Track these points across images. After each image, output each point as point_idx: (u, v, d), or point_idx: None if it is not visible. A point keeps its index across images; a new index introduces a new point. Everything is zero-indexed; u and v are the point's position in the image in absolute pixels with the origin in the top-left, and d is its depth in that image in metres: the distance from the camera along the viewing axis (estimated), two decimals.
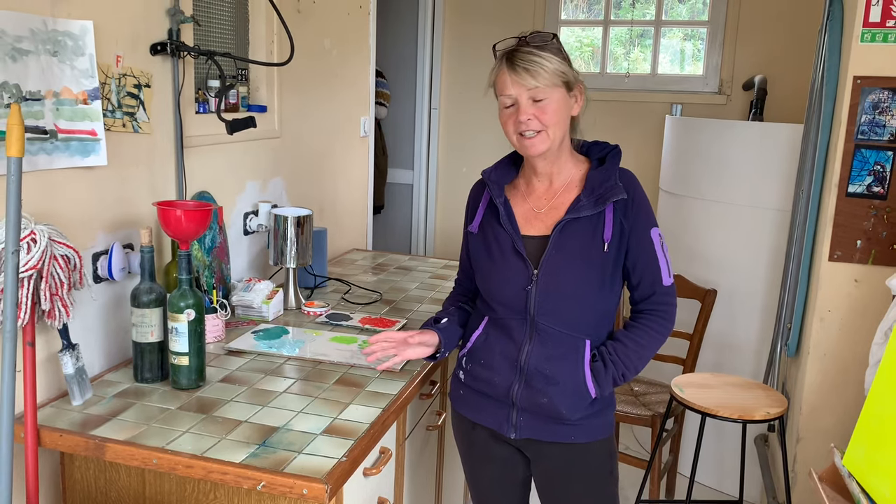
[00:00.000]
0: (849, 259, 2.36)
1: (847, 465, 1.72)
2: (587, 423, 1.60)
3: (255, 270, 2.51)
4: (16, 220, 1.37)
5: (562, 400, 1.56)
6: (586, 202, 1.54)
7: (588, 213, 1.54)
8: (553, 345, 1.56)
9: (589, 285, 1.55)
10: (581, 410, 1.58)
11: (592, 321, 1.58)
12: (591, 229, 1.55)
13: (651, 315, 1.60)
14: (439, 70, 4.43)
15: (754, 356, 2.96)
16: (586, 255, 1.54)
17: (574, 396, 1.56)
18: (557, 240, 1.55)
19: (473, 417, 1.70)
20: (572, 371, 1.55)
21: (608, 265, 1.55)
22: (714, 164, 3.00)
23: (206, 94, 2.19)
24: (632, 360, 1.58)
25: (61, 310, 1.53)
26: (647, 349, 1.59)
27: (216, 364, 1.85)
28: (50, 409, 1.59)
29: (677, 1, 4.11)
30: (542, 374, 1.56)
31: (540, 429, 1.61)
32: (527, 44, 1.51)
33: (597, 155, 1.63)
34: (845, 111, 2.30)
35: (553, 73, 1.49)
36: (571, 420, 1.58)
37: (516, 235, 1.59)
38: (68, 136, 1.63)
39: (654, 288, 1.58)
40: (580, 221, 1.55)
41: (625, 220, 1.55)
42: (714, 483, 3.10)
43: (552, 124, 1.51)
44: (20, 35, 1.49)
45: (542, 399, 1.57)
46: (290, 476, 1.35)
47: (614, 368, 1.56)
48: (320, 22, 2.78)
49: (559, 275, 1.54)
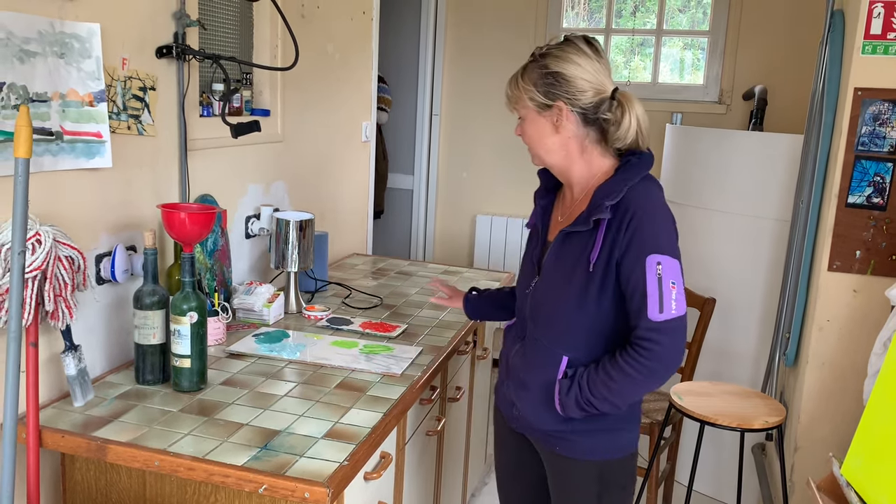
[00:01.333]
0: (848, 269, 2.37)
1: (845, 475, 1.73)
2: (573, 439, 1.54)
3: (256, 274, 2.51)
4: (22, 221, 1.37)
5: (529, 407, 1.58)
6: (583, 217, 1.49)
7: (582, 229, 1.48)
8: (533, 352, 1.58)
9: (569, 302, 1.49)
10: (551, 423, 1.54)
11: (572, 338, 1.51)
12: (582, 245, 1.49)
13: (630, 349, 1.43)
14: (441, 76, 4.44)
15: (753, 365, 2.97)
16: (571, 271, 1.50)
17: (541, 407, 1.54)
18: (556, 250, 1.55)
19: (497, 401, 1.74)
20: (544, 382, 1.53)
21: (593, 285, 1.47)
22: (714, 173, 3.01)
23: (211, 97, 2.19)
24: (598, 389, 1.45)
25: (65, 311, 1.54)
26: (619, 384, 1.43)
27: (217, 367, 1.85)
28: (51, 409, 1.59)
29: (678, 10, 4.13)
30: (519, 378, 1.60)
31: (529, 429, 1.63)
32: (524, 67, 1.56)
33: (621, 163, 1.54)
34: (846, 122, 2.31)
35: (515, 99, 1.56)
36: (543, 429, 1.58)
37: (541, 239, 1.64)
38: (74, 137, 1.63)
39: (637, 321, 1.43)
40: (577, 235, 1.50)
41: (616, 242, 1.44)
42: (712, 492, 3.11)
43: (531, 144, 1.57)
44: (28, 37, 1.50)
45: (518, 401, 1.61)
46: (291, 479, 1.35)
47: (578, 392, 1.47)
48: (324, 27, 2.79)
49: (546, 284, 1.56)
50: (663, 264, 1.42)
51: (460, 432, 2.47)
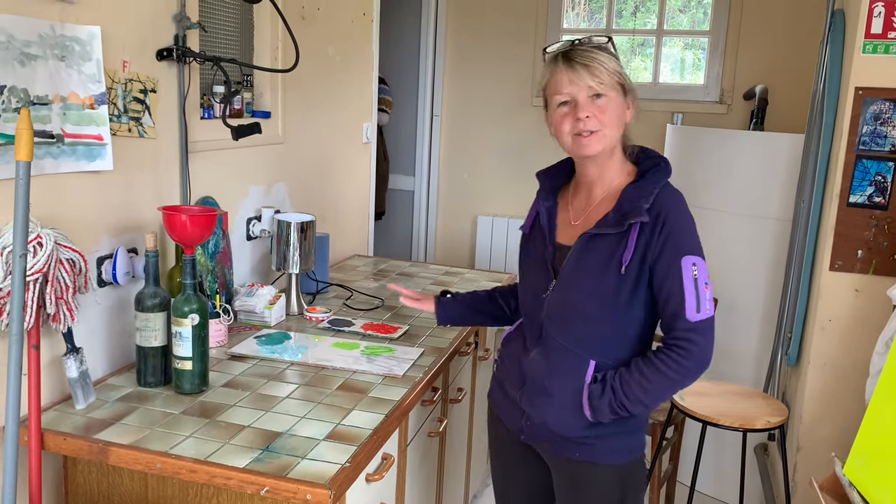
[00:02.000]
0: (850, 269, 2.37)
1: (848, 475, 1.73)
2: (595, 444, 1.53)
3: (257, 276, 2.51)
4: (23, 224, 1.37)
5: (552, 414, 1.53)
6: (612, 219, 1.47)
7: (611, 231, 1.46)
8: (555, 358, 1.53)
9: (598, 304, 1.48)
10: (576, 430, 1.52)
11: (600, 342, 1.50)
12: (612, 247, 1.47)
13: (668, 350, 1.45)
14: (441, 77, 4.44)
15: (754, 365, 2.97)
16: (601, 274, 1.47)
17: (567, 413, 1.51)
18: (578, 252, 1.50)
19: (497, 411, 1.71)
20: (570, 388, 1.50)
21: (625, 287, 1.46)
22: (715, 173, 3.01)
23: (212, 99, 2.19)
24: (633, 391, 1.45)
25: (66, 313, 1.54)
26: (654, 384, 1.44)
27: (219, 369, 1.86)
28: (53, 412, 1.59)
29: (678, 10, 4.13)
30: (539, 385, 1.54)
31: (542, 437, 1.58)
32: (583, 44, 1.47)
33: (644, 166, 1.54)
34: (847, 122, 2.31)
35: (612, 72, 1.45)
36: (565, 436, 1.54)
37: (549, 242, 1.56)
38: (75, 140, 1.64)
39: (675, 322, 1.44)
40: (604, 238, 1.47)
41: (650, 245, 1.44)
42: (714, 492, 3.10)
43: (609, 124, 1.46)
44: (29, 40, 1.50)
45: (534, 409, 1.56)
46: (293, 481, 1.35)
47: (612, 395, 1.46)
48: (324, 29, 2.79)
49: (572, 288, 1.50)
50: (698, 266, 1.45)
51: (462, 434, 2.47)
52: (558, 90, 1.47)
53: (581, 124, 1.45)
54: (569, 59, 1.45)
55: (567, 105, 1.47)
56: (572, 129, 1.47)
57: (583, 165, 1.55)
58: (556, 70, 1.47)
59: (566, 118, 1.47)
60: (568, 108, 1.47)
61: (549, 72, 1.50)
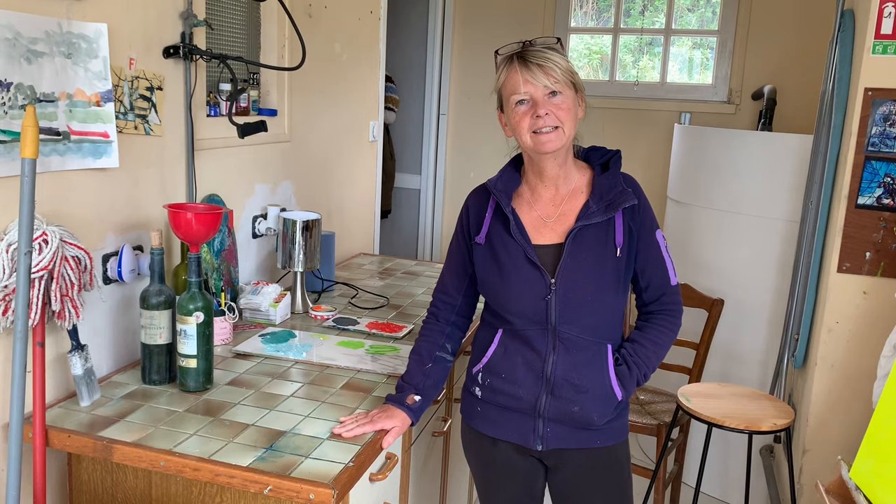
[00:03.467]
0: (857, 271, 2.36)
1: (854, 478, 1.72)
2: (610, 427, 1.62)
3: (262, 274, 2.51)
4: (29, 221, 1.38)
5: (592, 407, 1.57)
6: (596, 208, 1.55)
7: (599, 220, 1.54)
8: (578, 352, 1.56)
9: (606, 291, 1.55)
10: (608, 415, 1.60)
11: (610, 326, 1.59)
12: (602, 235, 1.56)
13: (663, 315, 1.64)
14: (448, 75, 4.44)
15: (760, 367, 2.95)
16: (601, 261, 1.55)
17: (603, 402, 1.57)
18: (571, 247, 1.54)
19: (494, 433, 1.65)
20: (599, 377, 1.57)
21: (621, 269, 1.56)
22: (722, 173, 3.00)
23: (218, 97, 2.19)
24: (651, 360, 1.61)
25: (71, 311, 1.54)
26: (663, 349, 1.63)
27: (223, 367, 1.86)
28: (58, 409, 1.59)
29: (687, 9, 4.11)
30: (571, 383, 1.55)
31: (567, 437, 1.60)
32: (534, 45, 1.52)
33: (598, 160, 1.64)
34: (856, 123, 2.30)
35: (565, 70, 1.51)
36: (599, 425, 1.60)
37: (528, 245, 1.56)
38: (81, 137, 1.64)
39: (664, 289, 1.62)
40: (591, 228, 1.55)
41: (633, 225, 1.57)
42: (719, 494, 3.09)
43: (567, 121, 1.51)
44: (35, 37, 1.50)
45: (572, 408, 1.56)
46: (297, 480, 1.35)
47: (637, 370, 1.60)
48: (331, 27, 2.79)
49: (578, 282, 1.54)
50: (665, 237, 1.64)
51: None
52: (514, 91, 1.52)
53: (541, 121, 1.49)
54: (524, 60, 1.50)
55: (524, 104, 1.51)
56: (531, 126, 1.51)
57: (542, 163, 1.58)
58: (512, 71, 1.52)
59: (525, 117, 1.51)
60: (526, 107, 1.51)
61: (504, 73, 1.54)
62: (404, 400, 1.63)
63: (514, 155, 1.68)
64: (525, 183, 1.65)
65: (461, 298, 1.72)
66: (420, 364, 1.69)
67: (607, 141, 1.63)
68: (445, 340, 1.72)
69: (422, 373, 1.67)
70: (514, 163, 1.68)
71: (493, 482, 1.72)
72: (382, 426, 1.56)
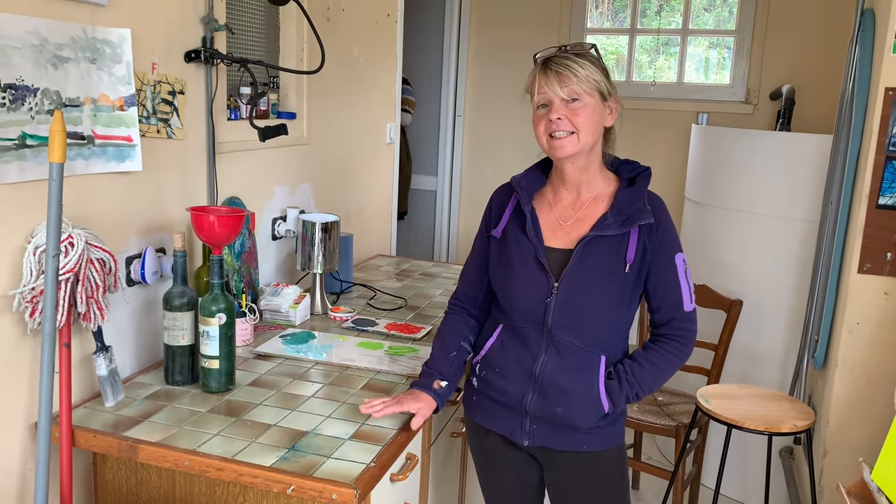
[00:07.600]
0: (878, 271, 2.34)
1: (876, 480, 1.71)
2: (599, 432, 1.61)
3: (282, 275, 2.53)
4: (56, 225, 1.40)
5: (576, 411, 1.57)
6: (612, 221, 1.55)
7: (613, 233, 1.54)
8: (569, 357, 1.57)
9: (607, 304, 1.56)
10: (594, 421, 1.59)
11: (608, 338, 1.59)
12: (614, 248, 1.55)
13: (670, 340, 1.61)
14: (464, 77, 4.45)
15: (780, 368, 2.94)
16: (607, 274, 1.55)
17: (588, 409, 1.57)
18: (580, 255, 1.55)
19: (486, 424, 1.70)
20: (587, 384, 1.57)
21: (628, 286, 1.56)
22: (740, 173, 2.99)
23: (238, 100, 2.21)
24: (647, 381, 1.59)
25: (96, 312, 1.56)
26: (664, 372, 1.61)
27: (245, 368, 1.87)
28: (83, 409, 1.62)
29: (703, 9, 4.10)
30: (557, 385, 1.57)
31: (552, 437, 1.62)
32: (565, 51, 1.54)
33: (627, 174, 1.63)
34: (876, 122, 2.28)
35: (584, 78, 1.51)
36: (584, 429, 1.60)
37: (540, 246, 1.59)
38: (105, 141, 1.66)
39: (675, 314, 1.59)
40: (604, 239, 1.55)
41: (649, 244, 1.56)
42: (738, 495, 3.08)
43: (583, 127, 1.52)
44: (61, 43, 1.52)
45: (556, 409, 1.58)
46: (319, 480, 1.36)
47: (629, 388, 1.58)
48: (349, 30, 2.80)
49: (579, 291, 1.55)
50: (686, 262, 1.61)
51: None
52: (535, 93, 1.56)
53: (554, 125, 1.52)
54: (545, 66, 1.54)
55: (545, 108, 1.55)
56: (546, 129, 1.54)
57: (562, 167, 1.61)
58: (536, 74, 1.56)
59: (542, 119, 1.55)
60: (545, 111, 1.55)
61: (531, 76, 1.58)
62: (431, 385, 1.65)
63: (545, 156, 1.69)
64: (549, 185, 1.67)
65: (482, 293, 1.74)
66: (445, 351, 1.71)
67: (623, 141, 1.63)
68: (469, 332, 1.74)
69: (446, 360, 1.70)
70: (542, 164, 1.71)
71: (489, 472, 1.77)
72: (409, 408, 1.59)
